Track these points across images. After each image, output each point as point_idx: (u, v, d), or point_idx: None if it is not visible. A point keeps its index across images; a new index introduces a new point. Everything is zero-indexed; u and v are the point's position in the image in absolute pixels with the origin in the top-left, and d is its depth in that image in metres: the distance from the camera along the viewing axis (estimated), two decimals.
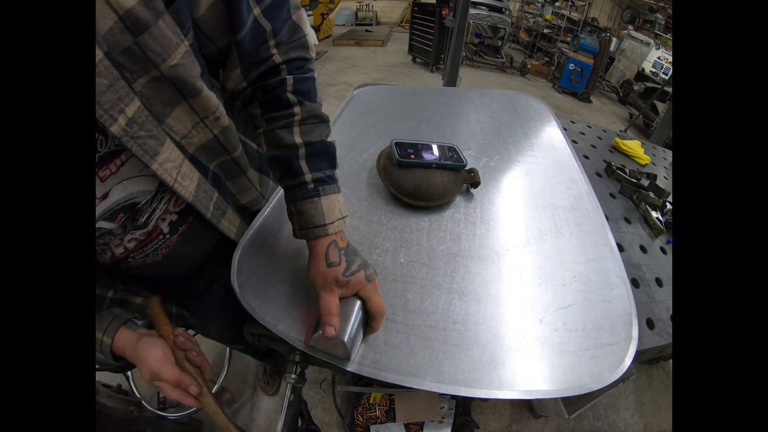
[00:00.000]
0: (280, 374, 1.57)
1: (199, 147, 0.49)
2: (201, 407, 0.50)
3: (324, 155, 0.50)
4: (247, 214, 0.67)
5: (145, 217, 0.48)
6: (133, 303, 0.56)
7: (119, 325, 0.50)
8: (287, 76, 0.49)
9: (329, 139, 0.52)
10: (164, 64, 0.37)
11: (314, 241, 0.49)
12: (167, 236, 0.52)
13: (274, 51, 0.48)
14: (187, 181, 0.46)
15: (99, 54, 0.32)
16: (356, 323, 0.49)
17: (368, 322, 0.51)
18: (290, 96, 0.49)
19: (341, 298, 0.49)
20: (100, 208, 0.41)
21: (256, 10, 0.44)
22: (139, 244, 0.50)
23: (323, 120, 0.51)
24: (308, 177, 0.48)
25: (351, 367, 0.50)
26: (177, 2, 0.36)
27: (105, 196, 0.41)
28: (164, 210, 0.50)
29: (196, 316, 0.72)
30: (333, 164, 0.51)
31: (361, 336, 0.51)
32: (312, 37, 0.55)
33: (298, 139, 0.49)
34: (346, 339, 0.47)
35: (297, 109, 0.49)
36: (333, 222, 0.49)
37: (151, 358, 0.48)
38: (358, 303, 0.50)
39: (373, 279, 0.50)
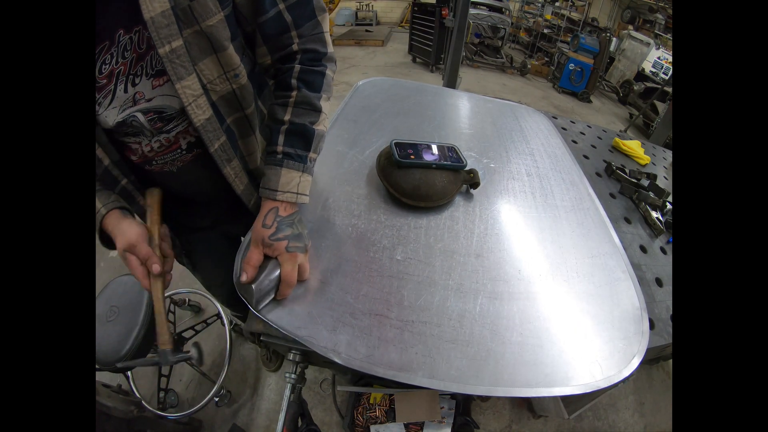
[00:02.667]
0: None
1: (220, 97, 0.60)
2: (149, 290, 0.58)
3: (301, 136, 0.59)
4: (255, 184, 0.73)
5: (171, 126, 0.60)
6: (137, 202, 0.66)
7: (116, 206, 0.60)
8: (297, 65, 0.60)
9: (315, 126, 0.60)
10: (204, 23, 0.51)
11: (264, 200, 0.59)
12: (183, 152, 0.64)
13: (295, 41, 0.59)
14: (199, 111, 0.56)
15: (167, 5, 0.47)
16: (268, 280, 0.54)
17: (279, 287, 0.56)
18: (293, 81, 0.59)
19: (267, 257, 0.57)
20: (145, 105, 0.55)
21: (282, 5, 0.57)
22: (162, 148, 0.61)
23: (315, 109, 0.60)
24: (279, 148, 0.58)
25: (261, 313, 0.54)
26: None
27: (151, 99, 0.55)
28: (185, 129, 0.61)
29: (195, 252, 0.85)
30: (307, 147, 0.60)
31: (272, 294, 0.55)
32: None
33: (286, 117, 0.59)
34: (254, 286, 0.53)
35: (294, 93, 0.59)
36: (284, 192, 0.58)
37: (131, 232, 0.57)
38: (278, 266, 0.55)
39: (294, 251, 0.55)
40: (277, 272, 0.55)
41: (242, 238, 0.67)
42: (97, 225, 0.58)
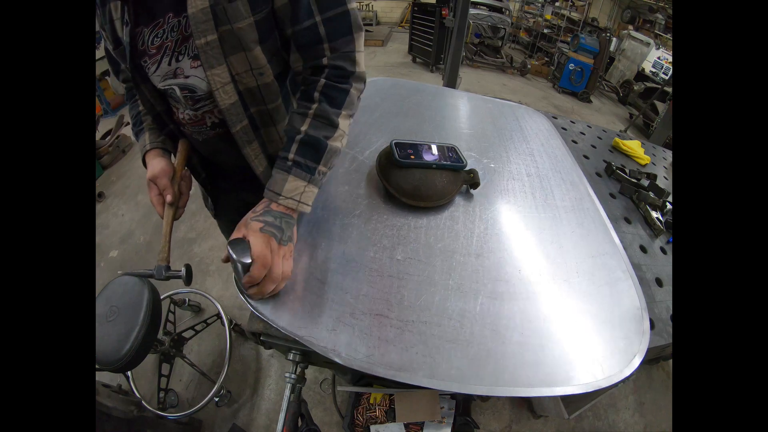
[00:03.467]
0: None
1: (245, 89, 0.66)
2: (162, 216, 0.69)
3: (314, 148, 0.61)
4: None
5: (199, 105, 0.68)
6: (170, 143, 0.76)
7: (158, 146, 0.73)
8: (323, 79, 0.62)
9: (330, 141, 0.61)
10: (234, 25, 0.57)
11: (264, 198, 0.61)
12: (208, 128, 0.72)
13: (326, 54, 0.62)
14: (225, 96, 0.63)
15: (207, 3, 0.55)
16: (242, 256, 0.53)
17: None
18: (316, 94, 0.62)
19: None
20: (182, 80, 0.64)
21: (318, 17, 0.60)
22: (191, 120, 0.71)
23: (332, 124, 0.62)
24: (291, 156, 0.60)
25: (282, 322, 0.53)
26: None
27: (188, 77, 0.63)
28: (210, 109, 0.69)
29: (218, 202, 0.96)
30: (318, 159, 0.61)
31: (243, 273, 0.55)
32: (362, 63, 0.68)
33: (303, 128, 0.61)
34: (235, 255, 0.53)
35: (314, 106, 0.62)
36: (287, 197, 0.59)
37: (159, 166, 0.69)
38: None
39: (266, 233, 0.56)
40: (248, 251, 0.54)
41: None
42: (141, 156, 0.73)
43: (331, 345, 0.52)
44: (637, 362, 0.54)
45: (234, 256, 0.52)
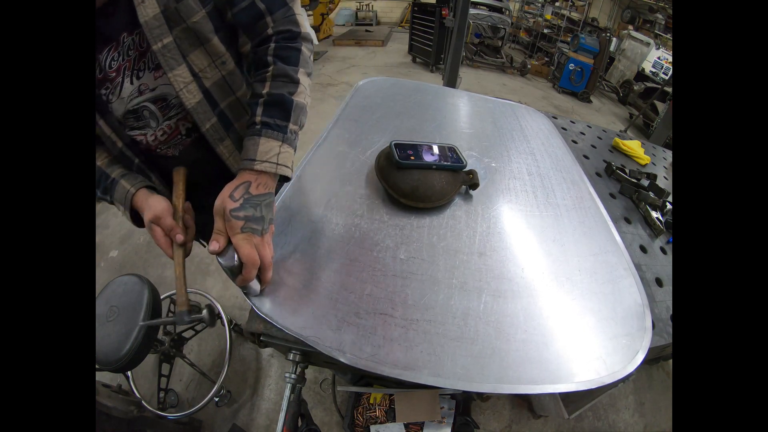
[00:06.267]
0: None
1: (213, 83, 0.66)
2: (172, 258, 0.62)
3: (279, 106, 0.60)
4: None
5: (172, 113, 0.67)
6: (151, 179, 0.71)
7: (144, 185, 0.66)
8: (272, 44, 0.63)
9: (294, 97, 0.61)
10: (189, 21, 0.59)
11: (241, 172, 0.58)
12: (183, 137, 0.71)
13: (270, 25, 0.63)
14: (190, 96, 0.63)
15: (158, 9, 0.56)
16: (234, 259, 0.53)
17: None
18: (269, 58, 0.62)
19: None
20: (150, 94, 0.64)
21: None
22: (164, 135, 0.69)
23: (293, 80, 0.62)
24: (258, 119, 0.59)
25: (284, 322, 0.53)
26: None
27: (154, 89, 0.64)
28: (183, 116, 0.68)
29: (207, 229, 0.86)
30: (287, 117, 0.60)
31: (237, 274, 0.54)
32: (312, 35, 0.66)
33: (264, 90, 0.60)
34: (221, 261, 0.53)
35: (270, 68, 0.61)
36: (262, 161, 0.57)
37: (158, 207, 0.62)
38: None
39: (248, 232, 0.54)
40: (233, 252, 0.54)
41: None
42: (127, 203, 0.65)
43: (336, 344, 0.52)
44: (640, 358, 0.54)
45: (223, 263, 0.52)
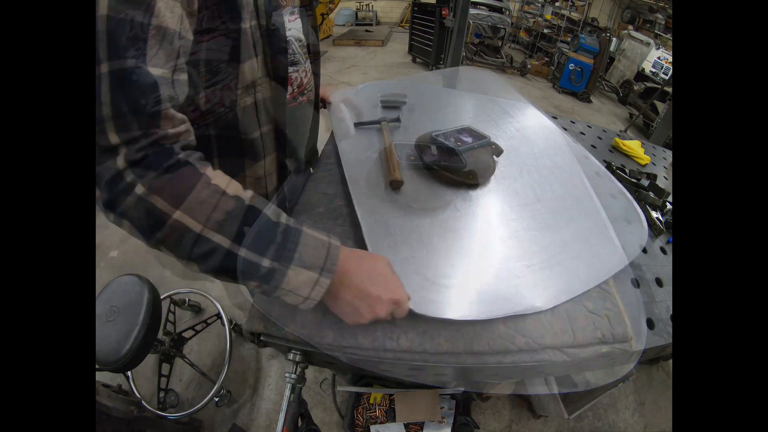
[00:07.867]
0: None
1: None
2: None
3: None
4: None
5: (304, 57, 0.74)
6: None
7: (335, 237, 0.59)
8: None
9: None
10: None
11: None
12: (308, 90, 0.76)
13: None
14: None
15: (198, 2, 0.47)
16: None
17: None
18: None
19: None
20: (295, 32, 0.69)
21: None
22: (302, 83, 0.73)
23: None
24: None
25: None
26: None
27: (289, 29, 0.65)
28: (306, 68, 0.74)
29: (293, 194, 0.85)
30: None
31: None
32: None
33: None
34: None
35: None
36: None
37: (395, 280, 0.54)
38: None
39: None
40: None
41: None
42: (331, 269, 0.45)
43: (336, 344, 0.52)
44: (630, 367, 0.56)
45: None
